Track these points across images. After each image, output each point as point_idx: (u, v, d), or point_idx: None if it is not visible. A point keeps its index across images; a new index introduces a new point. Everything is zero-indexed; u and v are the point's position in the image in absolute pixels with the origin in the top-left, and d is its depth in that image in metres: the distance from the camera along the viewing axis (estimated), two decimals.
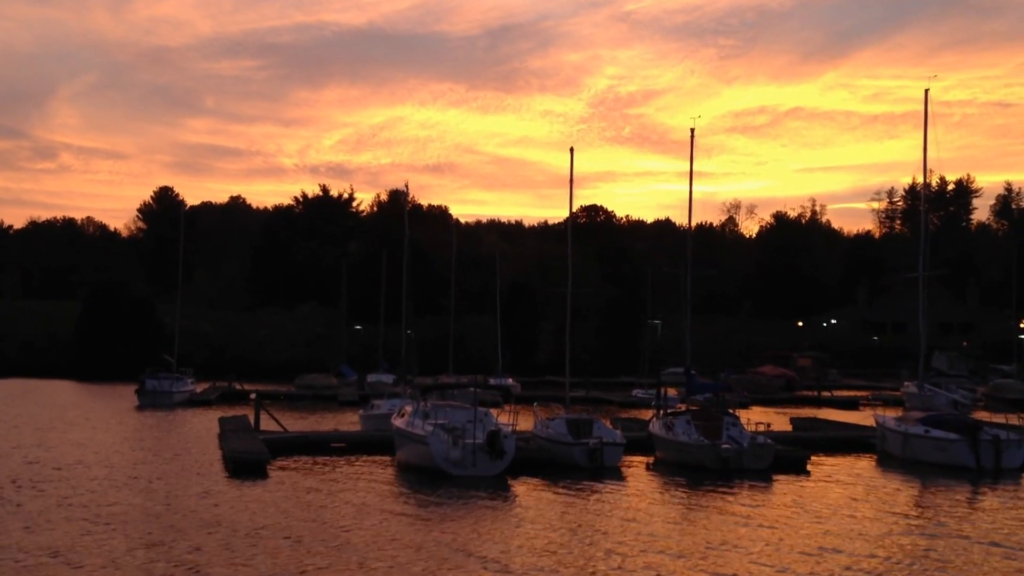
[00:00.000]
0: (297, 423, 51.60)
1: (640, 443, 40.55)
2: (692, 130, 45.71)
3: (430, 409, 37.15)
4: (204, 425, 52.37)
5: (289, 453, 39.76)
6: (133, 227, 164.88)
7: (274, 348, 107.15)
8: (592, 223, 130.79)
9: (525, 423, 40.92)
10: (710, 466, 36.30)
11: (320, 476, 35.02)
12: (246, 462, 35.42)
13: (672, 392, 73.85)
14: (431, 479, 33.92)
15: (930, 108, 45.22)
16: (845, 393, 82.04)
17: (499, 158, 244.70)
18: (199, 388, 70.81)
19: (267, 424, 45.96)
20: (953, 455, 38.16)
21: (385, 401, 49.26)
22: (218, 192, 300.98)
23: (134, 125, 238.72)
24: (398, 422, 38.22)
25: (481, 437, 34.70)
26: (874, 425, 44.77)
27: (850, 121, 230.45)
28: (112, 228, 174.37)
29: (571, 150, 47.54)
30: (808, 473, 37.01)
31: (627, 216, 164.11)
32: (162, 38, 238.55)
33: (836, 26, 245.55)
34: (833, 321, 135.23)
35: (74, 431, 47.98)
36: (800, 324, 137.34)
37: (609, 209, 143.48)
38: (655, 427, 40.83)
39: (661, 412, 42.31)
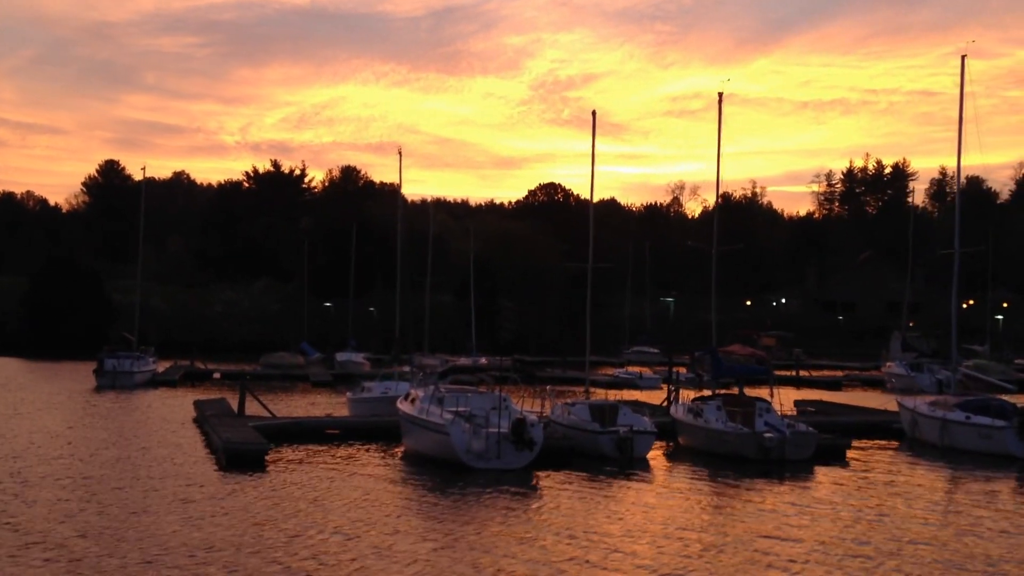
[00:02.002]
0: (273, 407, 46.74)
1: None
2: (720, 94, 41.36)
3: (444, 394, 32.85)
4: (176, 409, 47.51)
5: (280, 441, 35.22)
6: (76, 202, 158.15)
7: (228, 325, 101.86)
8: (551, 201, 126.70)
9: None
10: (749, 456, 32.57)
11: (323, 468, 30.67)
12: (242, 453, 30.99)
13: (647, 371, 70.41)
14: (450, 472, 29.85)
15: (857, 96, 41.54)
16: (823, 373, 78.73)
17: (441, 139, 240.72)
18: (160, 368, 65.53)
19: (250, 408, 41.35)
20: (999, 443, 34.86)
21: (376, 384, 44.65)
22: (158, 169, 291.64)
23: (73, 100, 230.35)
24: (407, 408, 33.87)
25: (506, 426, 30.63)
26: (896, 409, 41.42)
27: (782, 107, 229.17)
28: (53, 203, 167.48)
29: (594, 113, 42.91)
30: (847, 464, 33.48)
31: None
32: (102, 13, 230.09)
33: (769, 14, 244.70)
34: (783, 300, 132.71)
35: (34, 418, 43.02)
36: (748, 303, 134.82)
37: (567, 187, 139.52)
38: (678, 412, 37.02)
39: (689, 396, 38.54)
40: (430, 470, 30.39)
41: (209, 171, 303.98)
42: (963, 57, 39.33)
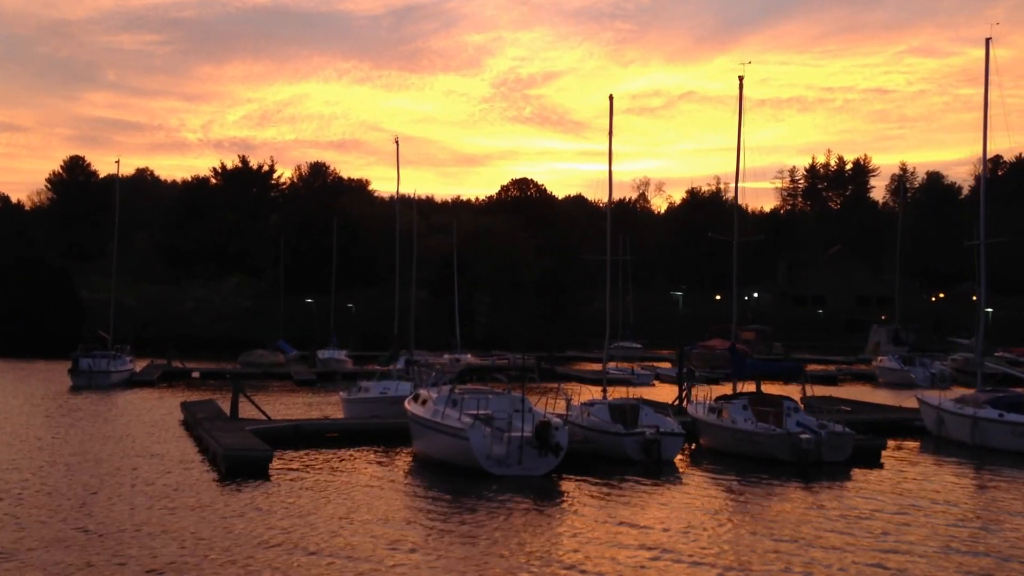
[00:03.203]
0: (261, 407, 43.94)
1: None
2: (741, 78, 39.05)
3: (460, 396, 30.27)
4: (160, 411, 44.53)
5: (277, 445, 32.44)
6: (38, 199, 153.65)
7: (200, 322, 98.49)
8: (524, 197, 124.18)
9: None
10: (782, 458, 30.27)
11: (331, 476, 28.15)
12: (245, 461, 28.30)
13: (636, 367, 67.84)
14: (468, 479, 27.36)
15: (812, 94, 39.34)
16: (814, 368, 75.52)
17: (402, 136, 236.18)
18: (137, 367, 62.25)
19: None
20: None
21: (374, 383, 41.81)
22: (121, 166, 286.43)
23: (33, 98, 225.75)
24: (419, 410, 31.25)
25: (528, 429, 28.14)
26: (915, 406, 39.32)
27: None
28: (15, 200, 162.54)
29: (610, 97, 40.34)
30: (882, 465, 31.32)
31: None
32: (62, 11, 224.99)
33: (728, 12, 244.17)
34: (755, 295, 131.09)
35: (9, 423, 39.97)
36: (718, 297, 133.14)
37: (540, 183, 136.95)
38: (698, 412, 34.67)
39: (700, 394, 36.25)
40: (446, 477, 27.87)
41: (171, 168, 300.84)
42: (987, 40, 37.43)
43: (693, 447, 34.28)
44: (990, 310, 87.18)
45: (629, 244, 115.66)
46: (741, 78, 38.90)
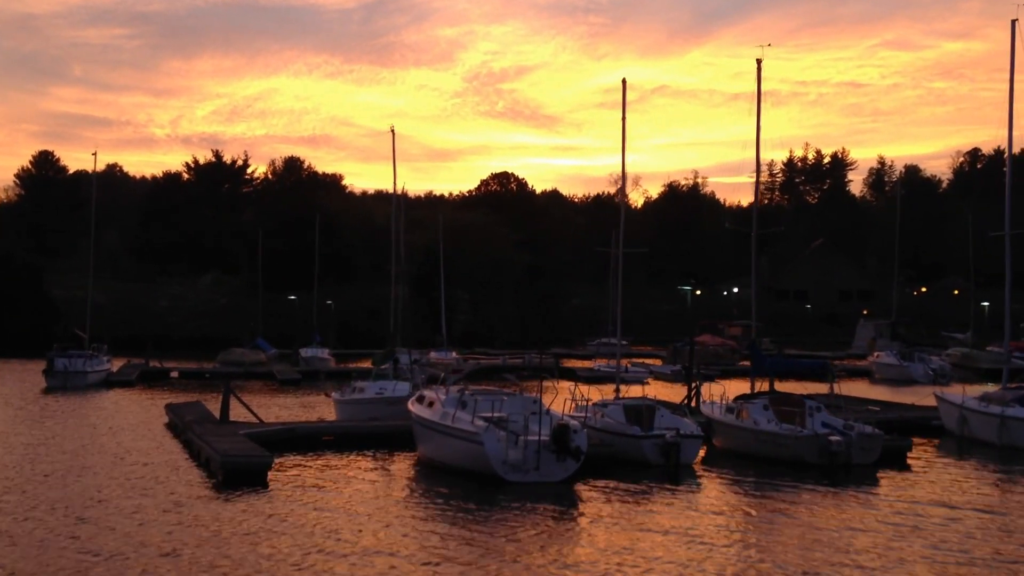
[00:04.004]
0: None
1: None
2: (759, 60, 37.37)
3: (477, 397, 28.61)
4: (142, 413, 42.69)
5: (272, 450, 30.63)
6: (6, 196, 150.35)
7: (175, 320, 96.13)
8: (504, 191, 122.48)
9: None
10: (809, 461, 28.83)
11: (332, 483, 26.63)
12: (244, 468, 26.57)
13: (627, 363, 66.20)
14: (481, 486, 25.82)
15: (786, 88, 37.92)
16: None
17: (374, 131, 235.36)
18: (114, 367, 60.13)
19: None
20: None
21: (370, 383, 39.96)
22: (87, 162, 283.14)
23: None
24: (426, 412, 29.57)
25: (546, 433, 26.56)
26: (932, 404, 37.95)
27: (713, 98, 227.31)
28: None
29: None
30: (909, 467, 29.97)
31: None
32: (27, 5, 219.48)
33: (701, 6, 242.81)
34: (735, 290, 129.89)
35: None
36: (699, 293, 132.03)
37: (521, 177, 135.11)
38: (714, 412, 33.19)
39: (715, 394, 34.78)
40: (458, 484, 26.24)
41: (140, 164, 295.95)
42: (1013, 22, 36.08)
43: (705, 449, 32.81)
44: (987, 304, 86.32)
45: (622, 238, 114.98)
46: (759, 61, 37.24)
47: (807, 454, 28.86)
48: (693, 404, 37.64)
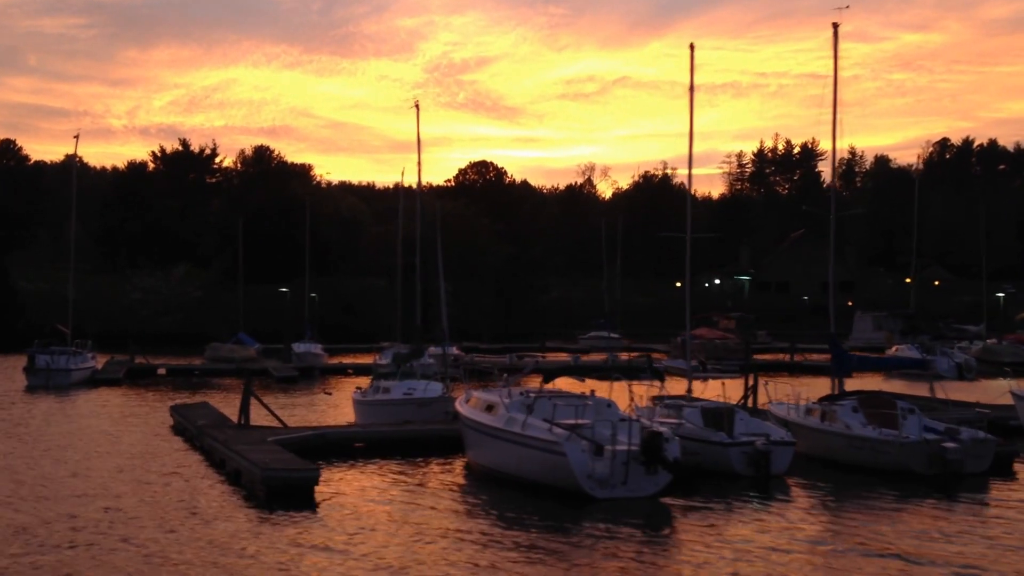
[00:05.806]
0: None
1: None
2: (835, 24, 34.04)
3: (544, 401, 25.25)
4: (140, 415, 38.99)
5: (304, 459, 27.16)
6: None
7: (148, 314, 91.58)
8: (484, 181, 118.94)
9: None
10: (916, 470, 25.75)
11: (388, 499, 23.48)
12: (288, 484, 23.15)
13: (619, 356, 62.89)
14: (560, 502, 22.67)
15: (747, 79, 35.01)
16: (822, 358, 68.47)
17: (335, 122, 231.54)
18: (99, 364, 55.98)
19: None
20: None
21: (397, 383, 36.39)
22: (43, 153, 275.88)
23: None
24: (485, 418, 26.18)
25: (635, 442, 23.27)
26: (1010, 403, 34.97)
27: (674, 90, 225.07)
28: None
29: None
30: (1016, 476, 27.01)
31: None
32: None
33: None
34: (717, 281, 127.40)
35: None
36: (678, 284, 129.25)
37: (500, 166, 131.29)
38: (790, 414, 29.98)
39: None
40: (531, 500, 23.08)
41: (97, 156, 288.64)
42: (835, 25, 34.62)
43: None
44: (1001, 295, 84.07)
45: (621, 228, 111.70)
46: (835, 25, 34.09)
47: (915, 463, 25.80)
48: (751, 404, 34.56)
